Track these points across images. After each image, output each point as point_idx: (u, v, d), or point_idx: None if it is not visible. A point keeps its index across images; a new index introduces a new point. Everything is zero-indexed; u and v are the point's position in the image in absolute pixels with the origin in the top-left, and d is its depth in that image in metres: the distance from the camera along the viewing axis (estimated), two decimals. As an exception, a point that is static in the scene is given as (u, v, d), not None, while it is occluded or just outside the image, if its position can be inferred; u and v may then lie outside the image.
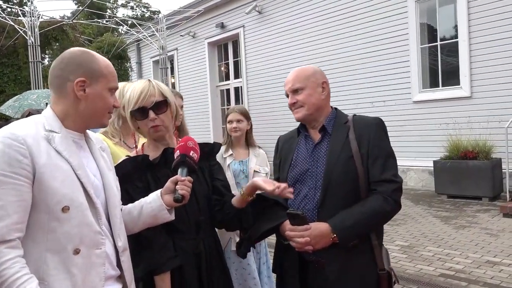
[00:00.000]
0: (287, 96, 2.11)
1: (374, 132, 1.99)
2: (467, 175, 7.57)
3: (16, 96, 9.22)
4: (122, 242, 1.62)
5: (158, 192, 1.74)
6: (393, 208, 1.93)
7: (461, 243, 5.44)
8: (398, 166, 2.04)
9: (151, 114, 1.89)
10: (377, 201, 1.90)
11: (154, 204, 1.72)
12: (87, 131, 1.67)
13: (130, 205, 1.81)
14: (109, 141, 2.70)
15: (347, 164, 1.94)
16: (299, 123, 2.17)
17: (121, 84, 2.87)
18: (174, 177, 1.72)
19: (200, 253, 1.94)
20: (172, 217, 1.75)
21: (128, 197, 1.90)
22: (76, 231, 1.42)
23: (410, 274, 4.56)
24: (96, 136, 1.75)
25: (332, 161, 1.96)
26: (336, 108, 2.15)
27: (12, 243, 1.31)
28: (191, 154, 1.77)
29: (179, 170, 1.75)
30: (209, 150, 2.11)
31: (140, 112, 1.91)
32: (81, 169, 1.48)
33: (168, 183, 1.73)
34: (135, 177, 1.93)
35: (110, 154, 1.83)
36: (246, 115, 3.49)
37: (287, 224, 1.93)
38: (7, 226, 1.31)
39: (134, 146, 2.84)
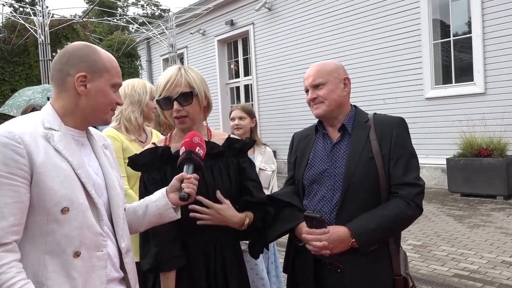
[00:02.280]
0: (306, 91, 2.03)
1: (396, 132, 1.91)
2: (481, 173, 7.44)
3: (13, 94, 9.24)
4: (126, 243, 1.57)
5: (164, 190, 1.69)
6: (415, 213, 1.85)
7: (475, 242, 5.33)
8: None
9: (175, 105, 1.83)
10: (399, 205, 1.82)
11: (159, 203, 1.66)
12: (90, 127, 1.62)
13: (135, 203, 1.77)
14: (123, 137, 2.66)
15: (368, 165, 1.87)
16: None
17: (141, 81, 2.84)
18: (180, 174, 1.66)
19: (209, 252, 1.87)
20: (178, 216, 1.69)
21: (144, 188, 1.87)
22: (76, 233, 1.37)
23: (423, 274, 4.47)
24: (98, 133, 1.70)
25: (352, 162, 1.89)
26: (355, 106, 2.08)
27: (8, 246, 1.27)
28: (196, 150, 1.70)
29: (185, 167, 1.68)
30: (240, 146, 2.00)
31: (165, 102, 1.85)
32: (82, 168, 1.43)
33: (174, 181, 1.67)
34: (154, 168, 1.88)
35: (114, 151, 1.78)
36: (249, 112, 3.42)
37: (303, 226, 1.87)
38: (3, 228, 1.26)
39: (145, 140, 2.81)
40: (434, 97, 8.90)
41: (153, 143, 1.99)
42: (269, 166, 3.36)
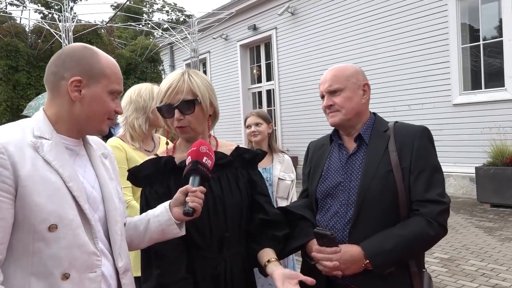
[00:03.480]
0: (322, 97, 1.87)
1: (418, 142, 1.72)
2: (512, 183, 7.08)
3: (37, 96, 9.25)
4: (124, 262, 1.44)
5: (167, 204, 1.55)
6: (438, 233, 1.66)
7: (507, 257, 5.03)
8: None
9: (176, 113, 1.68)
10: (419, 224, 1.63)
11: (161, 218, 1.52)
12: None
13: (136, 217, 1.63)
14: (127, 146, 2.55)
15: (386, 179, 1.69)
16: (333, 128, 1.92)
17: (148, 85, 2.73)
18: (184, 187, 1.52)
19: (219, 275, 1.71)
20: (182, 232, 1.55)
21: (145, 204, 1.73)
22: (65, 253, 1.24)
23: (450, 290, 4.22)
24: (98, 141, 1.58)
25: (368, 175, 1.71)
26: (375, 114, 1.90)
27: None
28: (204, 160, 1.55)
29: (190, 179, 1.53)
30: (250, 157, 1.85)
31: (167, 110, 1.70)
32: (74, 180, 1.30)
33: (178, 194, 1.52)
34: (156, 181, 1.74)
35: (116, 161, 1.65)
36: (265, 118, 3.30)
37: (314, 243, 1.71)
38: None
39: (152, 149, 2.69)
40: (463, 103, 8.57)
41: (156, 154, 1.85)
42: (288, 175, 3.21)
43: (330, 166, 1.87)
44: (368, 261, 1.60)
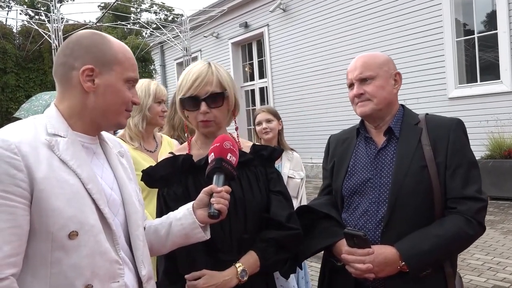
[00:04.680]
0: (350, 86, 1.77)
1: (453, 135, 1.64)
2: (511, 176, 7.06)
3: (30, 98, 9.05)
4: (147, 269, 1.33)
5: (190, 206, 1.44)
6: (476, 232, 1.58)
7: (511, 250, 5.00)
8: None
9: (203, 106, 1.58)
10: (457, 222, 1.55)
11: (185, 221, 1.42)
12: (103, 132, 1.38)
13: (156, 220, 1.53)
14: (127, 146, 2.44)
15: (420, 175, 1.60)
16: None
17: (145, 81, 2.61)
18: (209, 187, 1.42)
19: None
20: (207, 236, 1.45)
21: (163, 204, 1.64)
22: (87, 262, 1.14)
23: (458, 285, 4.16)
24: (113, 138, 1.47)
25: (400, 171, 1.62)
26: (403, 106, 1.81)
27: (4, 282, 1.03)
28: (228, 157, 1.45)
29: (214, 178, 1.44)
30: (268, 154, 1.74)
31: (191, 102, 1.60)
32: (93, 182, 1.20)
33: (201, 195, 1.43)
34: (174, 181, 1.64)
35: (131, 159, 1.54)
36: (275, 114, 3.19)
37: (342, 243, 1.63)
38: None
39: (154, 149, 2.59)
40: (458, 97, 8.55)
41: (171, 153, 1.74)
42: (297, 173, 3.10)
43: (356, 162, 1.77)
44: (404, 263, 1.52)
